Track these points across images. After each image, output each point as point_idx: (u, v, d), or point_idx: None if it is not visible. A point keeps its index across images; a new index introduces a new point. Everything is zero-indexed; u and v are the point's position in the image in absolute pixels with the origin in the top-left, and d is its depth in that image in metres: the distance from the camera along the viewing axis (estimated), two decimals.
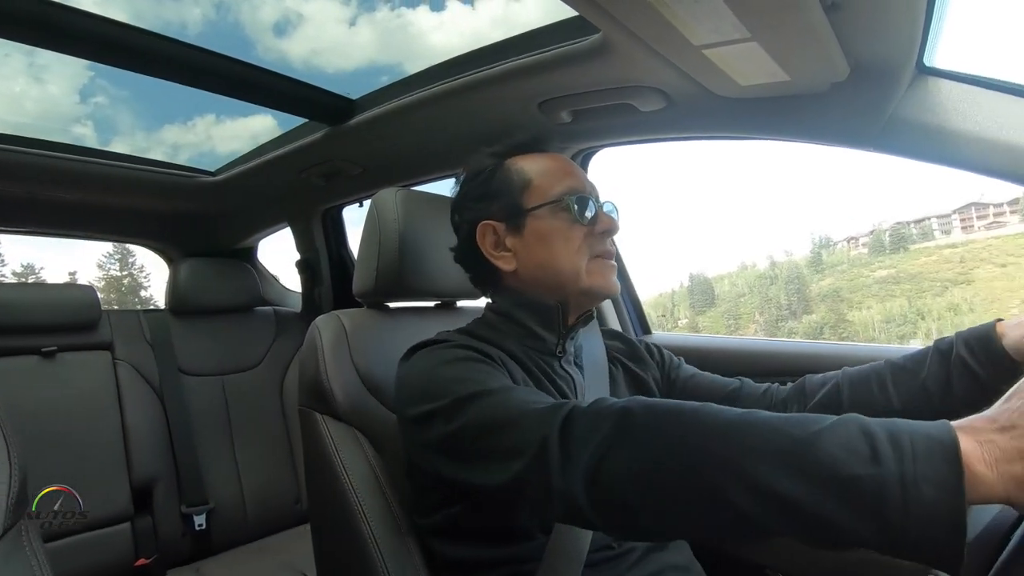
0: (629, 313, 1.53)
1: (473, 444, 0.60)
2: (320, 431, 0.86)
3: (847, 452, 0.41)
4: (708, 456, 0.46)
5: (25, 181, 1.56)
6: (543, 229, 0.80)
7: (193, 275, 1.92)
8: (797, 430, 0.44)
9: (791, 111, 0.98)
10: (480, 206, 0.83)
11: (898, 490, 0.38)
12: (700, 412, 0.49)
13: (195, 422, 1.78)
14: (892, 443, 0.40)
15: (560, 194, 0.80)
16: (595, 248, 0.81)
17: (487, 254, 0.82)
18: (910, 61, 0.84)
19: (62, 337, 1.65)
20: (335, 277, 2.04)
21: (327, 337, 0.90)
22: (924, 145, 0.89)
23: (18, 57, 1.43)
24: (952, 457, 0.38)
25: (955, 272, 9.04)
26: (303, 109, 1.37)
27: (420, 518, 0.80)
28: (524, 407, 0.58)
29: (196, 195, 1.86)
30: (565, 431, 0.53)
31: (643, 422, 0.50)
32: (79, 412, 1.59)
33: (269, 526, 1.84)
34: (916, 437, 0.40)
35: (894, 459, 0.39)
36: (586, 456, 0.51)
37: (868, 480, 0.39)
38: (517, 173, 0.82)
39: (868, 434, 0.41)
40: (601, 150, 1.38)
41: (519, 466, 0.55)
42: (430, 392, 0.66)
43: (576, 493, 0.50)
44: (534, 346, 0.81)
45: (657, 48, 0.84)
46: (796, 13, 0.70)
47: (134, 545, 1.59)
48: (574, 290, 0.80)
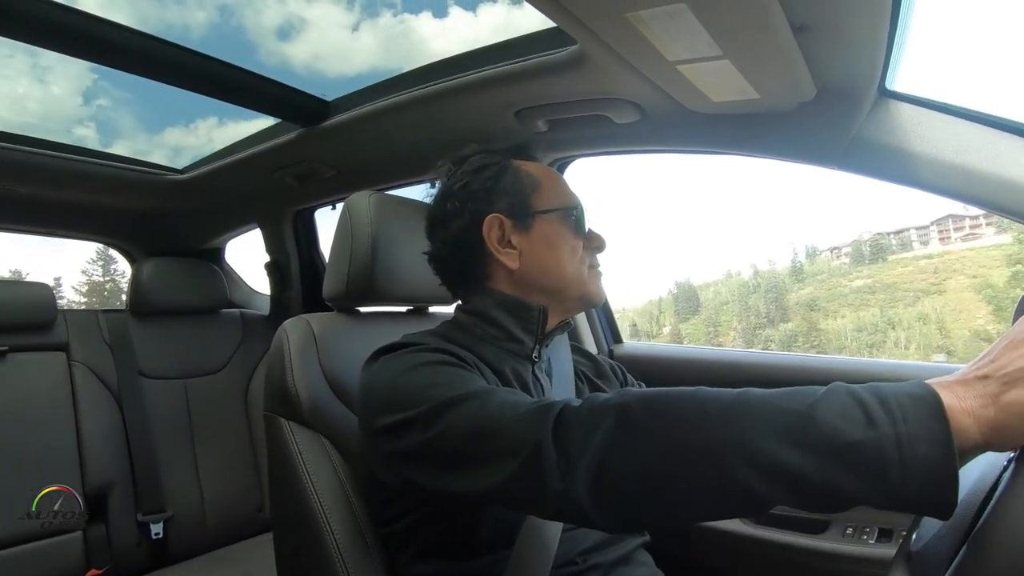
0: (601, 322, 1.54)
1: (456, 451, 0.59)
2: (285, 437, 0.84)
3: (845, 420, 0.43)
4: (713, 441, 0.47)
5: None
6: (550, 233, 0.81)
7: (156, 275, 1.86)
8: (794, 405, 0.46)
9: (760, 128, 1.01)
10: (487, 199, 0.82)
11: (895, 450, 0.41)
12: (698, 398, 0.50)
13: (155, 427, 1.72)
14: (883, 407, 0.43)
15: (566, 204, 0.83)
16: (591, 260, 0.85)
17: (492, 248, 0.80)
18: (873, 84, 0.87)
19: (14, 337, 1.58)
20: (305, 280, 2.01)
21: (295, 341, 0.88)
22: (885, 166, 0.93)
23: (21, 58, 1.38)
24: (938, 413, 0.41)
25: (928, 282, 9.27)
26: (277, 109, 1.35)
27: (382, 528, 0.78)
28: (508, 410, 0.58)
29: (162, 193, 1.81)
30: (559, 432, 0.53)
31: (643, 416, 0.50)
32: (30, 415, 1.52)
33: (230, 535, 1.78)
34: (902, 399, 0.43)
35: (887, 422, 0.42)
36: (587, 456, 0.50)
37: (867, 444, 0.42)
38: (527, 175, 0.84)
39: (859, 401, 0.44)
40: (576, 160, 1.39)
41: (509, 470, 0.54)
42: (403, 399, 0.64)
43: (578, 493, 0.50)
44: (509, 349, 0.80)
45: (632, 62, 0.86)
46: (767, 34, 0.72)
47: (86, 555, 1.52)
48: (574, 294, 0.82)
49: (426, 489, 0.63)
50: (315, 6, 15.46)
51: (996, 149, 0.84)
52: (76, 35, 1.02)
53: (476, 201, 0.82)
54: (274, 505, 0.93)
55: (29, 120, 1.08)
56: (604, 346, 1.53)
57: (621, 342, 1.57)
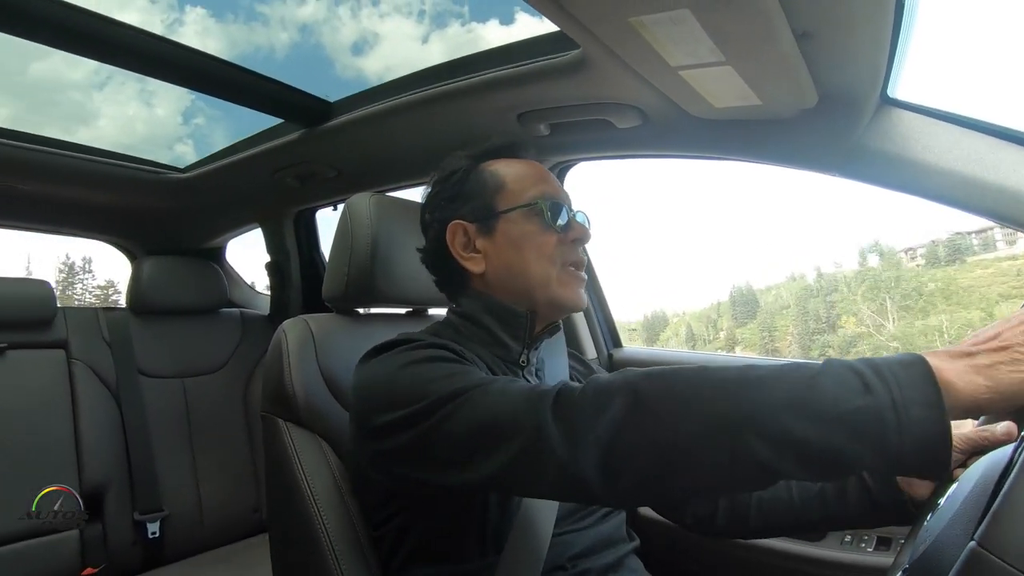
0: (600, 326, 1.54)
1: (456, 442, 0.59)
2: (282, 437, 0.84)
3: (844, 389, 0.45)
4: (723, 414, 0.48)
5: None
6: (515, 233, 0.79)
7: (156, 273, 1.86)
8: (796, 377, 0.48)
9: (762, 134, 1.01)
10: (452, 206, 0.82)
11: (892, 414, 0.43)
12: (704, 374, 0.51)
13: (152, 426, 1.72)
14: (878, 375, 0.45)
15: (533, 198, 0.79)
16: (567, 256, 0.80)
17: (456, 255, 0.80)
18: (874, 92, 0.87)
19: (13, 334, 1.58)
20: (305, 281, 2.01)
21: (293, 341, 0.88)
22: (886, 174, 0.93)
23: (132, 84, 1.43)
24: (929, 378, 0.44)
25: (1008, 286, 8.36)
26: (280, 109, 1.35)
27: (374, 530, 0.78)
28: (507, 396, 0.58)
29: (163, 192, 1.81)
30: (560, 412, 0.53)
31: (653, 393, 0.51)
32: (28, 413, 1.52)
33: (226, 534, 1.78)
34: (894, 367, 0.45)
35: (883, 388, 0.44)
36: (595, 432, 0.51)
37: (866, 410, 0.44)
38: (491, 175, 0.82)
39: (856, 371, 0.46)
40: (578, 164, 1.40)
41: (510, 453, 0.54)
42: (401, 396, 0.63)
43: (584, 469, 0.51)
44: (498, 354, 0.80)
45: (635, 67, 0.86)
46: (769, 40, 0.72)
47: (82, 553, 1.51)
48: (542, 297, 0.79)
49: (424, 484, 0.63)
50: (387, 21, 15.66)
51: (998, 158, 0.84)
52: (86, 35, 1.02)
53: (441, 209, 0.82)
54: (270, 506, 0.93)
55: (136, 141, 1.11)
56: (603, 349, 1.53)
57: (621, 346, 1.57)
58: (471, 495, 0.70)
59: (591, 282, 1.51)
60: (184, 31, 4.64)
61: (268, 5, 6.62)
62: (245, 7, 6.43)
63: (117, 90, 2.52)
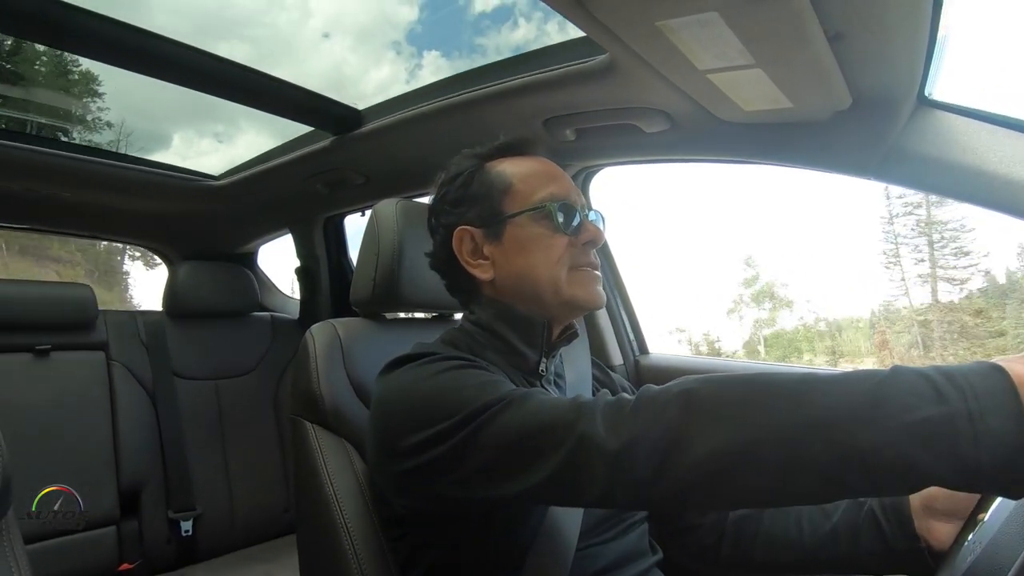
0: (626, 331, 1.52)
1: (495, 456, 0.57)
2: (309, 440, 0.85)
3: (914, 396, 0.43)
4: (785, 421, 0.46)
5: (26, 178, 1.57)
6: (522, 237, 0.75)
7: (191, 278, 1.91)
8: (861, 384, 0.45)
9: (793, 138, 0.99)
10: (458, 211, 0.78)
11: (967, 424, 0.41)
12: (762, 380, 0.50)
13: (187, 426, 1.77)
14: (951, 383, 0.42)
15: (542, 200, 0.75)
16: (577, 259, 0.76)
17: (463, 262, 0.77)
18: (911, 93, 0.85)
19: (57, 336, 1.64)
20: (334, 286, 2.04)
21: (321, 345, 0.89)
22: (924, 176, 0.90)
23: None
24: (1008, 387, 0.41)
25: None
26: (310, 117, 1.38)
27: (392, 543, 0.77)
28: (547, 407, 0.56)
29: (198, 199, 1.87)
30: (610, 420, 0.52)
31: (710, 400, 0.50)
32: (71, 412, 1.58)
33: (256, 534, 1.82)
34: (969, 375, 0.43)
35: (957, 396, 0.42)
36: (650, 436, 0.50)
37: (939, 420, 0.41)
38: (498, 176, 0.78)
39: (926, 377, 0.44)
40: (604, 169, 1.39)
41: (553, 464, 0.53)
42: (431, 411, 0.61)
43: (637, 475, 0.50)
44: (515, 364, 0.77)
45: (662, 71, 0.85)
46: (801, 42, 0.71)
47: (119, 549, 1.56)
48: (554, 302, 0.75)
49: (458, 501, 0.61)
50: None
51: None
52: (128, 49, 1.06)
53: (447, 215, 0.79)
54: (297, 507, 0.94)
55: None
56: (630, 355, 1.51)
57: (647, 351, 1.55)
58: (501, 510, 0.67)
59: (616, 285, 1.50)
60: (422, 73, 4.81)
61: (485, 36, 6.88)
62: (467, 42, 6.75)
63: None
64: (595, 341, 1.46)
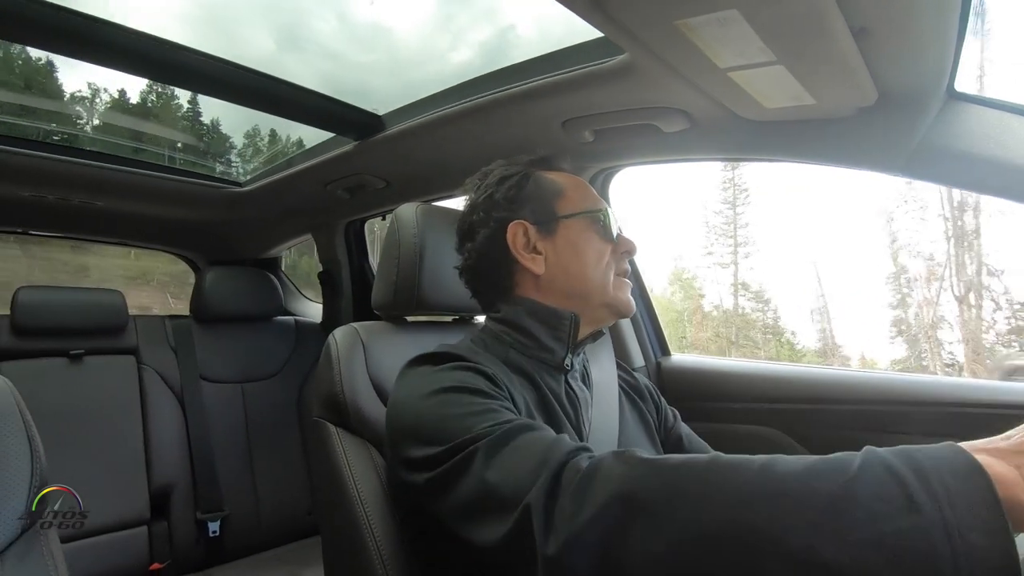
0: (648, 334, 1.51)
1: (462, 501, 0.56)
2: (333, 443, 0.86)
3: (884, 503, 0.39)
4: (737, 530, 0.41)
5: (58, 187, 1.62)
6: (575, 238, 0.80)
7: (218, 283, 1.95)
8: (827, 484, 0.41)
9: (817, 135, 0.97)
10: (512, 207, 0.82)
11: (944, 541, 0.36)
12: (719, 473, 0.45)
13: (213, 429, 1.80)
14: (924, 487, 0.38)
15: (592, 208, 0.82)
16: (619, 266, 0.83)
17: (516, 254, 0.80)
18: (940, 87, 0.83)
19: (90, 340, 1.69)
20: (356, 289, 2.06)
21: (344, 349, 0.90)
22: (955, 172, 0.88)
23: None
24: (990, 496, 0.37)
25: None
26: (331, 124, 1.39)
27: (410, 542, 0.77)
28: (516, 457, 0.54)
29: (224, 205, 1.91)
30: (554, 496, 0.48)
31: (655, 495, 0.45)
32: (103, 415, 1.63)
33: (281, 535, 1.84)
34: (944, 475, 0.38)
35: (931, 505, 0.37)
36: (585, 537, 0.45)
37: (911, 533, 0.37)
38: (550, 182, 0.84)
39: (898, 478, 0.39)
40: (623, 169, 1.38)
41: (504, 529, 0.50)
42: (422, 435, 0.63)
43: (573, 566, 0.45)
44: (541, 358, 0.79)
45: (681, 70, 0.85)
46: (824, 38, 0.70)
47: (149, 549, 1.60)
48: (598, 302, 0.80)
49: (444, 526, 0.60)
50: None
51: None
52: (149, 59, 1.08)
53: (500, 209, 0.82)
54: (321, 509, 0.95)
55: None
56: (651, 358, 1.50)
57: (669, 354, 1.54)
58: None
59: (639, 289, 1.49)
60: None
61: None
62: None
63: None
64: (617, 344, 1.45)
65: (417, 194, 1.59)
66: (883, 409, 1.11)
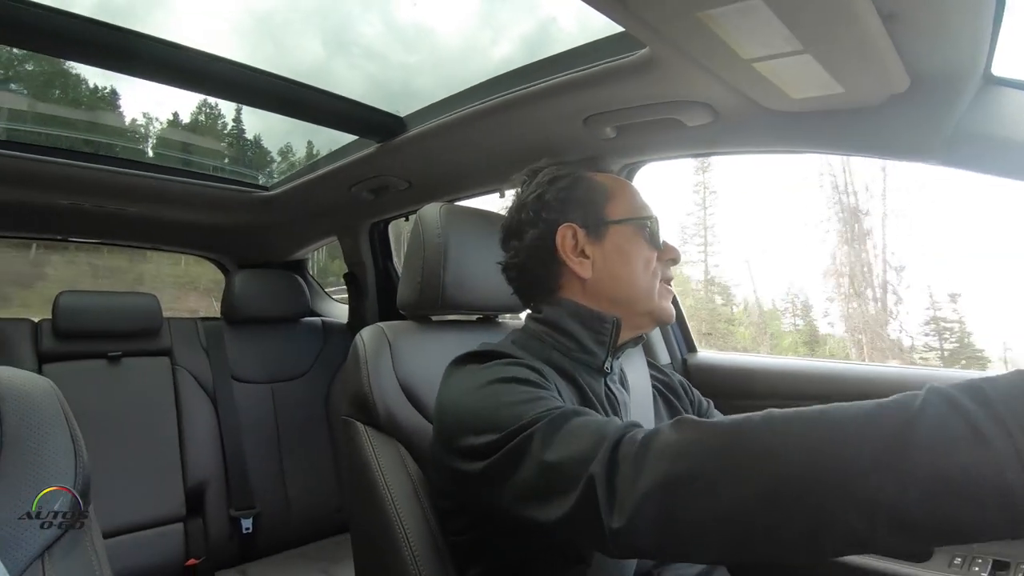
0: (674, 331, 1.50)
1: (527, 481, 0.57)
2: (362, 442, 0.87)
3: (947, 439, 0.38)
4: (798, 477, 0.41)
5: (94, 195, 1.67)
6: (624, 244, 0.80)
7: (247, 285, 2.00)
8: (888, 422, 0.40)
9: (846, 124, 0.94)
10: (562, 208, 0.81)
11: (1017, 469, 0.36)
12: (773, 425, 0.44)
13: (245, 428, 1.85)
14: (991, 416, 0.37)
15: (641, 215, 0.82)
16: (665, 273, 0.83)
17: (565, 257, 0.80)
18: (976, 71, 0.80)
19: (127, 343, 1.75)
20: (380, 289, 2.09)
21: (371, 348, 0.91)
22: (993, 158, 0.85)
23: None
24: None
25: None
26: (354, 126, 1.41)
27: (451, 537, 0.79)
28: (572, 439, 0.55)
29: (251, 209, 1.95)
30: (613, 467, 0.49)
31: (711, 456, 0.46)
32: (141, 415, 1.68)
33: (311, 532, 1.88)
34: (1013, 402, 0.37)
35: (1001, 435, 0.37)
36: (650, 498, 0.46)
37: (980, 466, 0.36)
38: (600, 186, 0.83)
39: (962, 412, 0.38)
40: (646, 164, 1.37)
41: (569, 504, 0.51)
42: (478, 424, 0.63)
43: (637, 536, 0.46)
44: (581, 360, 0.79)
45: (705, 62, 0.83)
46: (852, 25, 0.68)
47: (185, 545, 1.65)
48: (642, 308, 0.80)
49: (503, 511, 0.61)
50: None
51: None
52: (166, 66, 1.10)
53: (550, 211, 0.82)
54: (351, 507, 0.96)
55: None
56: (678, 355, 1.49)
57: (695, 351, 1.52)
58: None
59: None
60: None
61: None
62: None
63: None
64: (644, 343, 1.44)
65: (440, 194, 1.60)
66: None
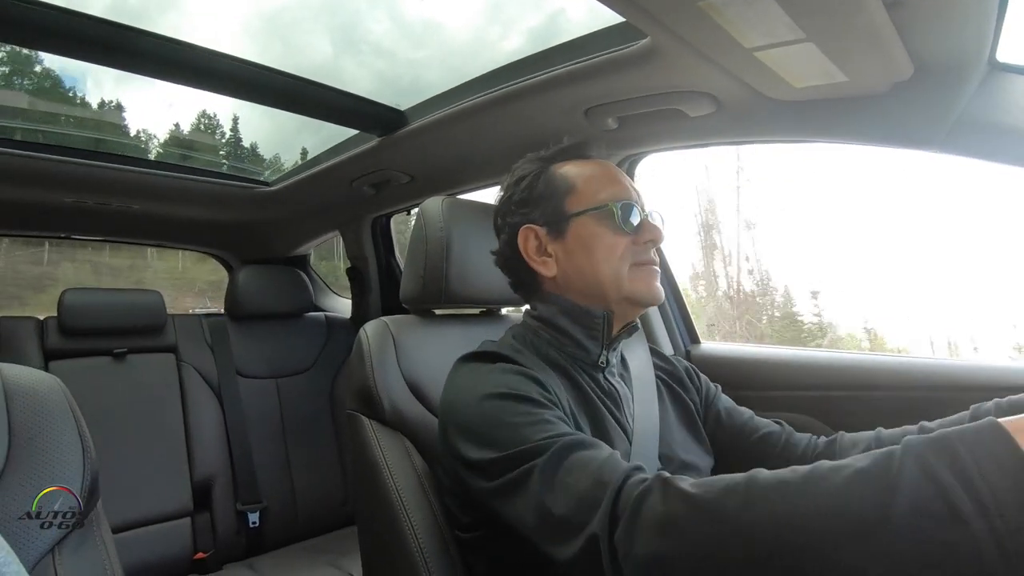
0: (676, 322, 1.49)
1: (531, 520, 0.57)
2: (367, 436, 0.87)
3: (925, 514, 0.38)
4: (781, 552, 0.43)
5: (97, 192, 1.67)
6: (585, 235, 0.78)
7: (250, 281, 2.00)
8: (869, 500, 0.41)
9: (849, 113, 0.94)
10: (523, 211, 0.82)
11: (994, 546, 0.36)
12: (756, 499, 0.45)
13: (250, 423, 1.86)
14: (969, 491, 0.38)
15: (604, 200, 0.79)
16: (638, 256, 0.79)
17: (528, 259, 0.81)
18: (981, 57, 0.79)
19: (132, 340, 1.75)
20: (383, 284, 2.09)
21: (375, 343, 0.92)
22: (998, 146, 0.84)
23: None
24: None
25: None
26: (355, 120, 1.41)
27: (457, 532, 0.79)
28: (570, 481, 0.55)
29: (254, 205, 1.95)
30: (613, 526, 0.50)
31: (697, 530, 0.47)
32: (147, 411, 1.69)
33: (318, 526, 1.89)
34: (990, 474, 0.38)
35: (977, 514, 0.37)
36: (641, 568, 0.48)
37: (958, 544, 0.37)
38: (561, 178, 0.82)
39: (938, 487, 0.39)
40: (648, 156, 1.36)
41: (573, 550, 0.52)
42: (479, 437, 0.64)
43: None
44: (577, 356, 0.79)
45: (706, 52, 0.83)
46: (855, 12, 0.67)
47: (193, 539, 1.66)
48: (615, 296, 0.78)
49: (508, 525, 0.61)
50: None
51: None
52: (167, 62, 1.10)
53: (512, 214, 0.83)
54: (357, 500, 0.97)
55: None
56: (680, 347, 1.48)
57: (698, 342, 1.52)
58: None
59: (666, 277, 1.47)
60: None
61: None
62: None
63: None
64: (646, 332, 1.44)
65: (442, 188, 1.60)
66: (921, 395, 1.07)
